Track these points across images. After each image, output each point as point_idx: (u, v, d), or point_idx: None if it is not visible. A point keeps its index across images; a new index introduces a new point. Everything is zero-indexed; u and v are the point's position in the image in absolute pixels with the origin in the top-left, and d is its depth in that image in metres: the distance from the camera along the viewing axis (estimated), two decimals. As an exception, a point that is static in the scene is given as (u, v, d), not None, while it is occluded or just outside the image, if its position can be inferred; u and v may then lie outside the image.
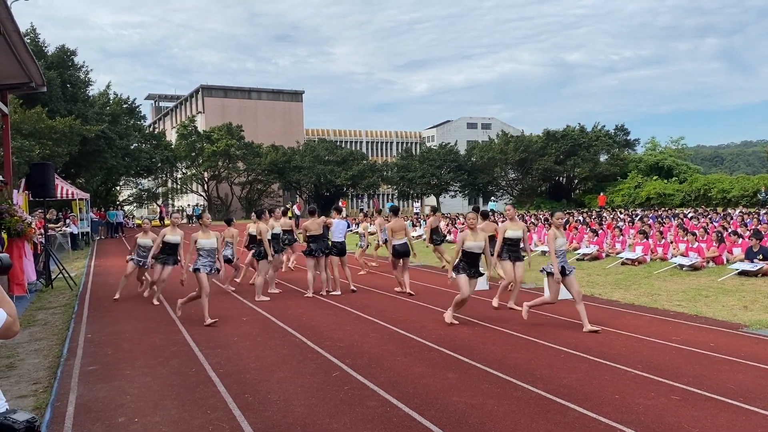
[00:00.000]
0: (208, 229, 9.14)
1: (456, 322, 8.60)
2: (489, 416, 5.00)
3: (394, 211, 12.19)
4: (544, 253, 17.74)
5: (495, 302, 9.57)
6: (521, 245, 9.82)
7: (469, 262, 8.47)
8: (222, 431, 4.84)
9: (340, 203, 50.15)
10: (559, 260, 8.04)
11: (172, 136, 62.00)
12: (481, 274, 8.86)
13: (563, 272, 8.03)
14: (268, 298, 11.09)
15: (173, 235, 10.62)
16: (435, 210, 16.78)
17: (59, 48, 35.57)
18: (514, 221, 9.90)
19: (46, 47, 34.77)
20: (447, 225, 26.65)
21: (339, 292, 11.39)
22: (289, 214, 28.63)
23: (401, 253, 11.33)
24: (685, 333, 7.76)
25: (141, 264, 11.33)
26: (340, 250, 11.53)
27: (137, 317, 9.71)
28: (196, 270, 8.84)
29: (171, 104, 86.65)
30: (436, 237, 14.89)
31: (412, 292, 11.21)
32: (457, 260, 8.55)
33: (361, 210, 58.59)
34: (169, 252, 10.66)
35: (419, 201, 58.41)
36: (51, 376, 6.52)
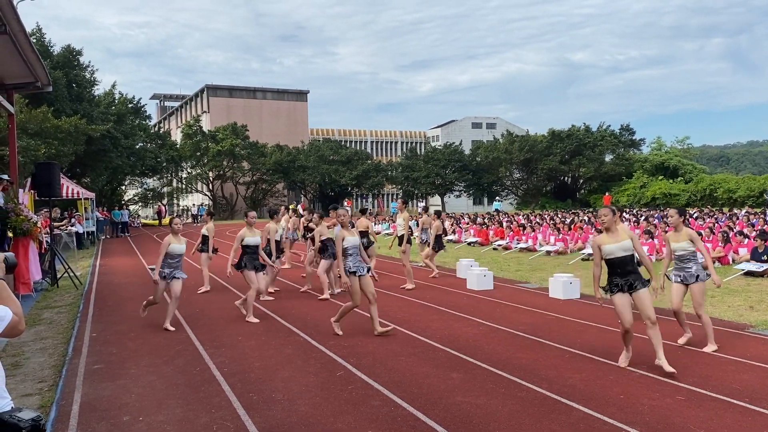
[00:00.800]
0: (179, 234, 8.74)
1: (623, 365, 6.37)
2: (493, 416, 4.99)
3: (362, 211, 12.44)
4: (549, 253, 17.72)
5: None
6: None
7: (620, 272, 6.22)
8: (226, 430, 4.84)
9: (345, 203, 50.32)
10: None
11: (177, 136, 62.18)
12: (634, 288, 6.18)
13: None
14: (272, 298, 11.10)
15: (178, 244, 8.78)
16: (426, 209, 15.31)
17: (65, 48, 35.70)
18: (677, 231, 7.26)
19: (51, 47, 34.90)
20: (451, 225, 26.65)
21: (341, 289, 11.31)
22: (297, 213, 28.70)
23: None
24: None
25: (172, 276, 8.70)
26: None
27: (142, 316, 9.73)
28: (164, 277, 8.45)
29: (176, 104, 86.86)
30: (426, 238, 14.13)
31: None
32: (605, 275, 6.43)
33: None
34: (174, 265, 8.78)
35: (424, 201, 58.34)
36: (56, 375, 6.54)
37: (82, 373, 6.57)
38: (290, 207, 23.14)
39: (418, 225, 26.77)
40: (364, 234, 11.09)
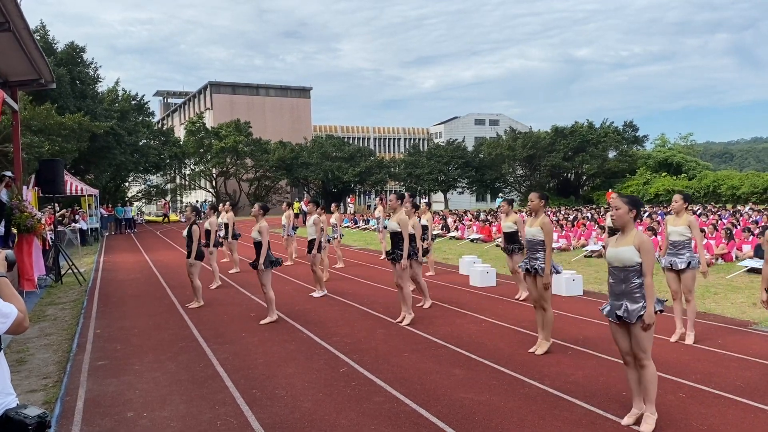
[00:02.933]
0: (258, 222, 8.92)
1: None
2: (496, 413, 5.00)
3: (416, 206, 12.28)
4: (552, 250, 17.68)
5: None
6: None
7: None
8: (230, 426, 4.86)
9: (348, 199, 50.33)
10: None
11: (180, 133, 62.22)
12: None
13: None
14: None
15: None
16: (417, 207, 13.27)
17: (68, 45, 35.75)
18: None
19: (55, 44, 34.94)
20: (454, 221, 26.64)
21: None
22: (296, 209, 28.75)
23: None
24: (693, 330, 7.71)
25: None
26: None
27: (146, 313, 9.77)
28: None
29: (179, 101, 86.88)
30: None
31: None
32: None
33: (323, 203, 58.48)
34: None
35: (427, 197, 58.34)
36: (61, 371, 6.58)
37: (86, 369, 6.60)
38: (293, 203, 23.12)
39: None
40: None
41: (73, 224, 23.74)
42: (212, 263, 12.44)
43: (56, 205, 15.70)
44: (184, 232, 10.00)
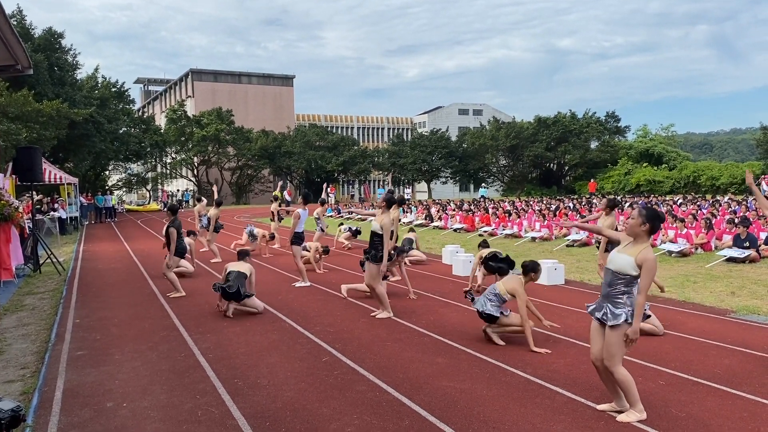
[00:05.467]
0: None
1: None
2: (478, 400, 5.01)
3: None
4: (534, 239, 17.80)
5: None
6: None
7: None
8: (211, 416, 4.83)
9: (328, 189, 50.07)
10: None
11: (161, 121, 61.53)
12: None
13: None
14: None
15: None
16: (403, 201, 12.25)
17: (46, 30, 35.05)
18: None
19: (33, 29, 34.25)
20: (437, 211, 26.69)
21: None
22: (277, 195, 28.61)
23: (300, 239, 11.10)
24: (673, 318, 7.81)
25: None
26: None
27: (126, 302, 9.67)
28: None
29: (160, 88, 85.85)
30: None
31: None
32: None
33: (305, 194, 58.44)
34: None
35: (410, 187, 58.36)
36: (39, 361, 6.48)
37: (65, 359, 6.51)
38: (274, 193, 23.08)
39: (404, 212, 26.80)
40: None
41: (52, 213, 23.41)
42: (211, 246, 13.92)
43: (34, 193, 15.45)
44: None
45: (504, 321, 6.74)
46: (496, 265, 8.57)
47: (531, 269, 6.77)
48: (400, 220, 15.26)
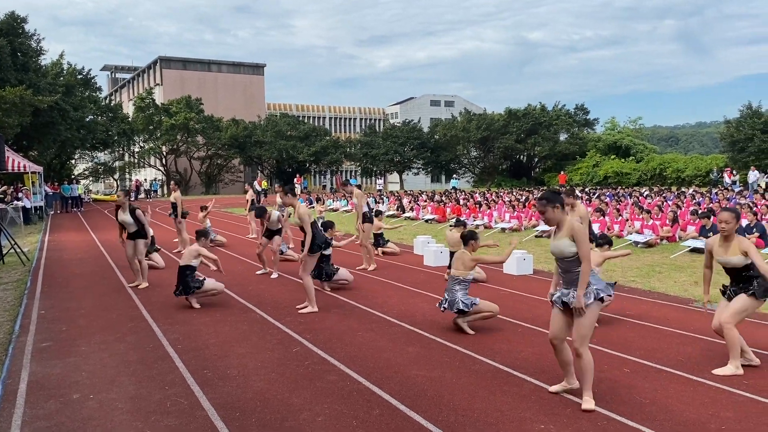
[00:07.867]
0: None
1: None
2: (447, 389, 5.07)
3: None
4: (504, 230, 17.98)
5: None
6: None
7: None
8: (180, 407, 4.79)
9: (295, 180, 49.61)
10: None
11: (129, 109, 60.40)
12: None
13: None
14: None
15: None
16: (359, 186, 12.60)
17: (8, 14, 34.05)
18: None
19: (-6, 14, 33.29)
20: (409, 202, 26.76)
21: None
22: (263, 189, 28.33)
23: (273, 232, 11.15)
24: (638, 308, 7.98)
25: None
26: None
27: (93, 293, 9.52)
28: None
29: (128, 76, 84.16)
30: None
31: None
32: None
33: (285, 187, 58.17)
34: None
35: (382, 178, 58.34)
36: (2, 353, 6.36)
37: (29, 351, 6.40)
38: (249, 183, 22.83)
39: (376, 202, 26.82)
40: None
41: (16, 202, 22.87)
42: (182, 233, 13.77)
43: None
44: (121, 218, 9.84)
45: (474, 309, 6.84)
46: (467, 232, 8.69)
47: (470, 238, 7.20)
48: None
